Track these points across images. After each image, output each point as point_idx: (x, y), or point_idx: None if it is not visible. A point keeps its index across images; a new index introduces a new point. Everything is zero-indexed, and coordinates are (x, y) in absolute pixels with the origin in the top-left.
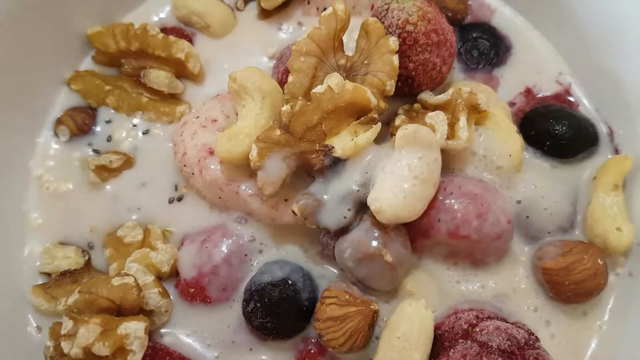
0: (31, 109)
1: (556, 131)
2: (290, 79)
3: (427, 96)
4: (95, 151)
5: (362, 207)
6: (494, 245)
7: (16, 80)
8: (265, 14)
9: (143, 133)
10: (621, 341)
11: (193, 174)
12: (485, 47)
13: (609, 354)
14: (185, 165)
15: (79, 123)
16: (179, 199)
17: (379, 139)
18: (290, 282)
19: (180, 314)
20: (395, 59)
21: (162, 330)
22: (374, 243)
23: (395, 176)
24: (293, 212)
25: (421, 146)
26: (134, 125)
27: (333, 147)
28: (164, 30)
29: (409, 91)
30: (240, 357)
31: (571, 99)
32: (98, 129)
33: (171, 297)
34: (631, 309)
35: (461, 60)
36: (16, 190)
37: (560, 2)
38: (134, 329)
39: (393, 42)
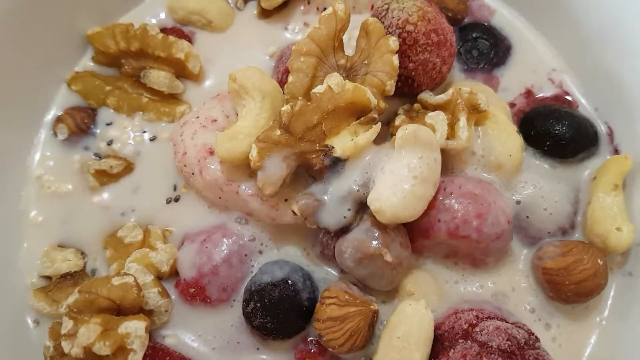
0: (31, 108)
1: (556, 131)
2: (290, 79)
3: (427, 96)
4: (97, 155)
5: (362, 207)
6: (494, 245)
7: (16, 80)
8: (265, 13)
9: (150, 140)
10: (621, 341)
11: (193, 174)
12: (485, 47)
13: (609, 354)
14: (185, 165)
15: (78, 122)
16: (176, 199)
17: (379, 139)
18: (290, 282)
19: (181, 315)
20: (395, 59)
21: (165, 332)
22: (374, 243)
23: (395, 176)
24: (293, 212)
25: (421, 146)
26: (135, 127)
27: (333, 147)
28: (163, 30)
29: (409, 91)
30: (242, 357)
31: (570, 98)
32: (98, 129)
33: (172, 297)
34: (631, 309)
35: (461, 60)
36: (15, 189)
37: (560, 3)
38: (134, 328)
39: (393, 42)
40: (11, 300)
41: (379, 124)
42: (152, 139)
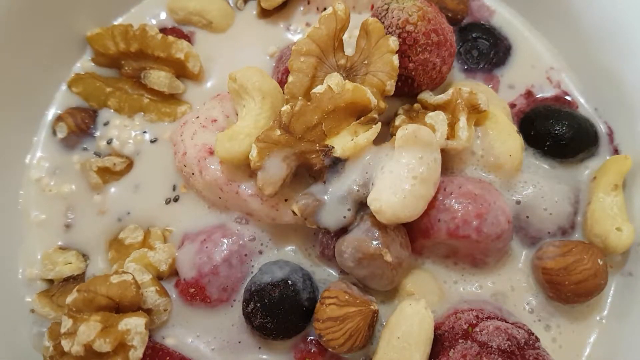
0: (30, 108)
1: (556, 131)
2: (290, 79)
3: (427, 96)
4: (97, 154)
5: (362, 207)
6: (494, 245)
7: (16, 80)
8: (265, 13)
9: (152, 142)
10: (621, 341)
11: (193, 174)
12: (485, 47)
13: (608, 354)
14: (185, 165)
15: (79, 122)
16: (176, 200)
17: (379, 139)
18: (290, 282)
19: (181, 315)
20: (395, 59)
21: (165, 332)
22: (374, 243)
23: (395, 176)
24: (293, 212)
25: (421, 146)
26: (135, 127)
27: (333, 147)
28: (163, 30)
29: (409, 91)
30: (243, 357)
31: (570, 98)
32: (97, 131)
33: (172, 297)
34: (631, 309)
35: (461, 60)
36: (14, 189)
37: (560, 3)
38: (134, 324)
39: (393, 42)
40: (10, 300)
41: (379, 124)
42: (154, 141)
